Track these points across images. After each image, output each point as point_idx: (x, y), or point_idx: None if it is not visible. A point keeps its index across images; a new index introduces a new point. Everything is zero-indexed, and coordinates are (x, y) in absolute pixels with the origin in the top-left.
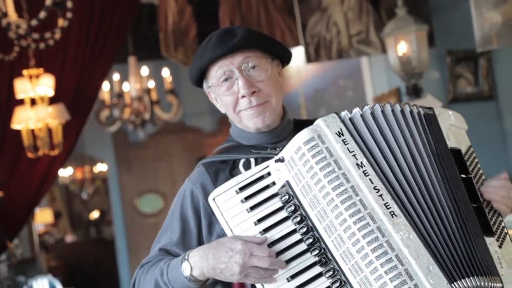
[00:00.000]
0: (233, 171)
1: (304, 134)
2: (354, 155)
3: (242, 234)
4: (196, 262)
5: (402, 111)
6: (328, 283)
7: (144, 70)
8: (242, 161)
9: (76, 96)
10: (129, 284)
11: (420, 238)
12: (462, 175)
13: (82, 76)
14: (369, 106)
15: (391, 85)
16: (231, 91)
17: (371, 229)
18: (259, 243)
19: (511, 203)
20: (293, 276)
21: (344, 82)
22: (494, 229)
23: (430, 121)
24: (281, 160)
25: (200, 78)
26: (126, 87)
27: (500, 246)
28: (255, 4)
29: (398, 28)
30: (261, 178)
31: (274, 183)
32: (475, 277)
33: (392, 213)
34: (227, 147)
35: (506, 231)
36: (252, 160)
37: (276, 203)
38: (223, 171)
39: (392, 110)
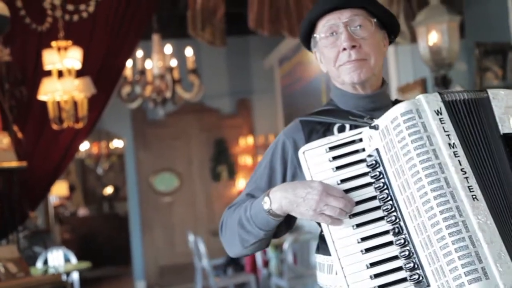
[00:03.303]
0: (326, 133)
1: (403, 106)
2: (448, 135)
3: None
4: (276, 196)
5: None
6: (396, 252)
7: (168, 48)
8: (337, 125)
9: (102, 71)
10: (141, 261)
11: (497, 226)
12: None
13: (108, 51)
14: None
15: (417, 75)
16: (334, 45)
17: (450, 206)
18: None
19: None
20: (364, 239)
21: None
22: None
23: (480, 107)
24: (375, 128)
25: (309, 34)
26: (148, 64)
27: None
28: None
29: (430, 17)
30: (352, 142)
31: (363, 150)
32: None
33: (474, 196)
34: (326, 109)
35: None
36: (347, 126)
37: (362, 168)
38: (317, 132)
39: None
